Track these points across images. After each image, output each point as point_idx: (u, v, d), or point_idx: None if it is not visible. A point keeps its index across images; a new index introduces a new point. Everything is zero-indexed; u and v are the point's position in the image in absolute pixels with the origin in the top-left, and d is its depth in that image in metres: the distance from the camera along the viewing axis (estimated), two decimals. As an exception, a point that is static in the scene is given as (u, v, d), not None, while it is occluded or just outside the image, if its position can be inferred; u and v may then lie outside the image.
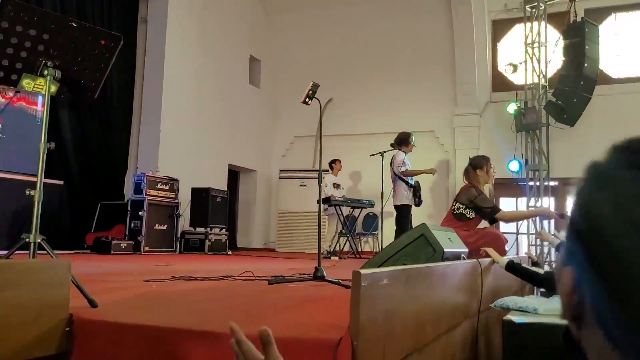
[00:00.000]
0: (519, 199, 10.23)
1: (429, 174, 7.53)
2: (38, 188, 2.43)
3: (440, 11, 10.88)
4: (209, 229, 9.21)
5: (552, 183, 9.84)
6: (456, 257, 3.24)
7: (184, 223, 9.20)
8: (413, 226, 7.25)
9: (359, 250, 9.87)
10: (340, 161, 10.09)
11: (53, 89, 2.46)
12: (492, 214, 4.58)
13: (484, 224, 5.00)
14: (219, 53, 10.86)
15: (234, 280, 3.81)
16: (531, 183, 9.73)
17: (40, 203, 2.44)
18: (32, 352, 1.85)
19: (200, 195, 9.35)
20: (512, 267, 3.58)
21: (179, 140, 9.69)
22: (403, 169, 7.12)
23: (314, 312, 2.41)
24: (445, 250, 2.92)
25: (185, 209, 9.19)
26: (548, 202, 9.72)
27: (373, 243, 11.00)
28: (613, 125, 9.88)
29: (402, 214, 7.12)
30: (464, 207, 4.63)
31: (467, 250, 3.53)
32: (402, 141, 7.31)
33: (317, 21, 12.00)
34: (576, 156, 10.00)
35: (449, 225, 4.16)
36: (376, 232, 11.29)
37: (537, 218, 7.88)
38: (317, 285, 3.63)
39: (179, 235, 9.03)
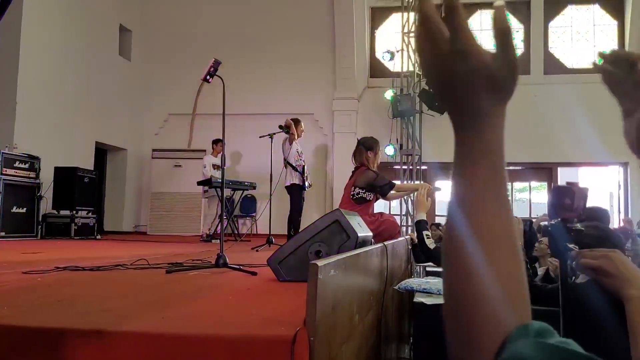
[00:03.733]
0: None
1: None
2: None
3: (322, -6, 10.91)
4: (75, 212, 8.50)
5: (423, 167, 10.39)
6: (366, 241, 3.25)
7: (46, 205, 8.37)
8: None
9: (238, 232, 9.73)
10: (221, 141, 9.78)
11: None
12: (390, 189, 4.67)
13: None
14: (85, 19, 9.95)
15: (128, 270, 3.50)
16: (405, 167, 10.20)
17: None
18: None
19: (65, 175, 8.57)
20: (419, 227, 3.70)
21: (40, 114, 8.76)
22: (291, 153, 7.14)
23: (241, 303, 2.26)
24: (359, 235, 2.90)
25: (47, 190, 8.37)
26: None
27: (251, 225, 10.88)
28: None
29: (293, 193, 7.13)
30: (363, 191, 4.67)
31: (371, 234, 3.56)
32: (290, 126, 7.26)
33: (196, -7, 11.45)
34: (443, 143, 10.65)
35: (349, 209, 4.17)
36: (254, 214, 11.18)
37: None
38: (220, 273, 3.46)
39: (40, 219, 8.20)
